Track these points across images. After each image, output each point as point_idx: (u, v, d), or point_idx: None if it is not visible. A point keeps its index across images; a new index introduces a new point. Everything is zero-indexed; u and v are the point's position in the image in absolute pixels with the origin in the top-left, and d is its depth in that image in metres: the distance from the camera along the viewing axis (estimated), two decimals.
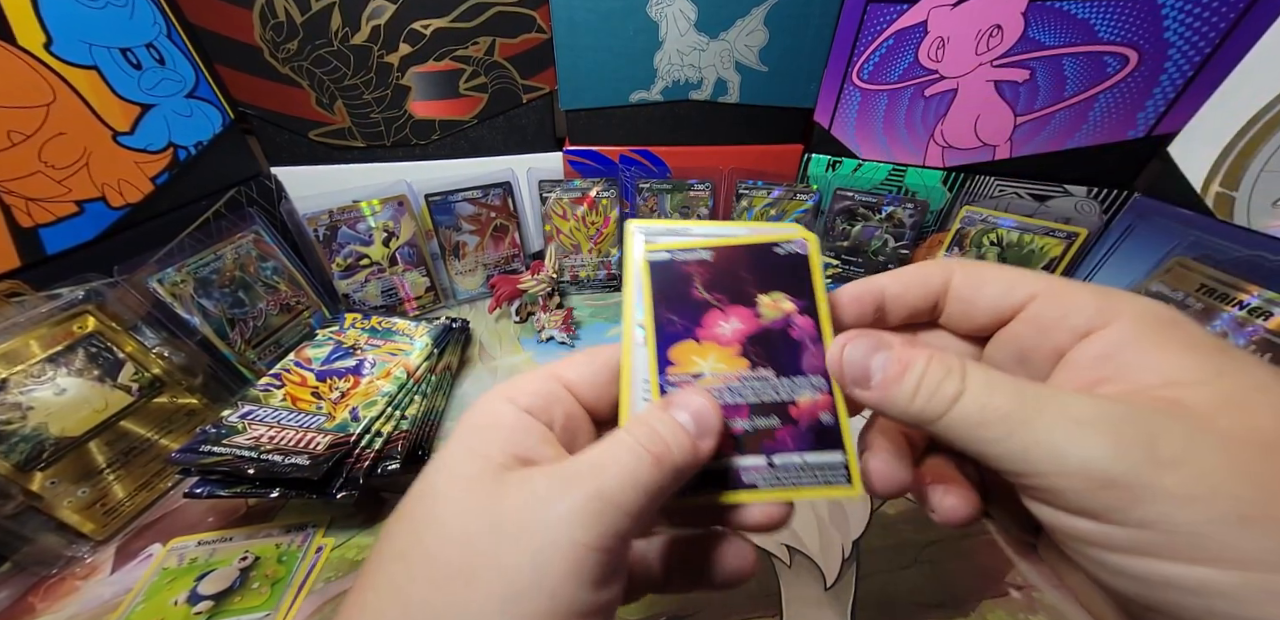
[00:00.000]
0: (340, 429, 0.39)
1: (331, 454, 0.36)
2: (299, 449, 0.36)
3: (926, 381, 0.14)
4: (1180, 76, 0.43)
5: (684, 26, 0.54)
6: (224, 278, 0.48)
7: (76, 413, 0.37)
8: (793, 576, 0.35)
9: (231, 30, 0.52)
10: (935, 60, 0.51)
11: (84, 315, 0.39)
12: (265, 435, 0.37)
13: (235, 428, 0.38)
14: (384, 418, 0.41)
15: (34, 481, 0.35)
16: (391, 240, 0.60)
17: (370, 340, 0.50)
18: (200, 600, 0.34)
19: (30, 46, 0.38)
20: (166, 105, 0.48)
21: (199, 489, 0.36)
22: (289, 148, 0.60)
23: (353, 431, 0.39)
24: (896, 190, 0.60)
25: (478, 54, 0.56)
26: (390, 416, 0.42)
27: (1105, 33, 0.44)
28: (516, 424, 0.16)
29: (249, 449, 0.36)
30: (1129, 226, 0.48)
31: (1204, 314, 0.41)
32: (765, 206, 0.62)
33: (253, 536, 0.38)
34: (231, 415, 0.39)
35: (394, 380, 0.44)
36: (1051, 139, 0.50)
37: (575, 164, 0.64)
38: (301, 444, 0.37)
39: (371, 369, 0.46)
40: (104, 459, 0.38)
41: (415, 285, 0.63)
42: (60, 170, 0.40)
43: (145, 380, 0.41)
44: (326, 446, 0.37)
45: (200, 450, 0.36)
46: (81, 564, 0.36)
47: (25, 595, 0.34)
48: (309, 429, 0.39)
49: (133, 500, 0.39)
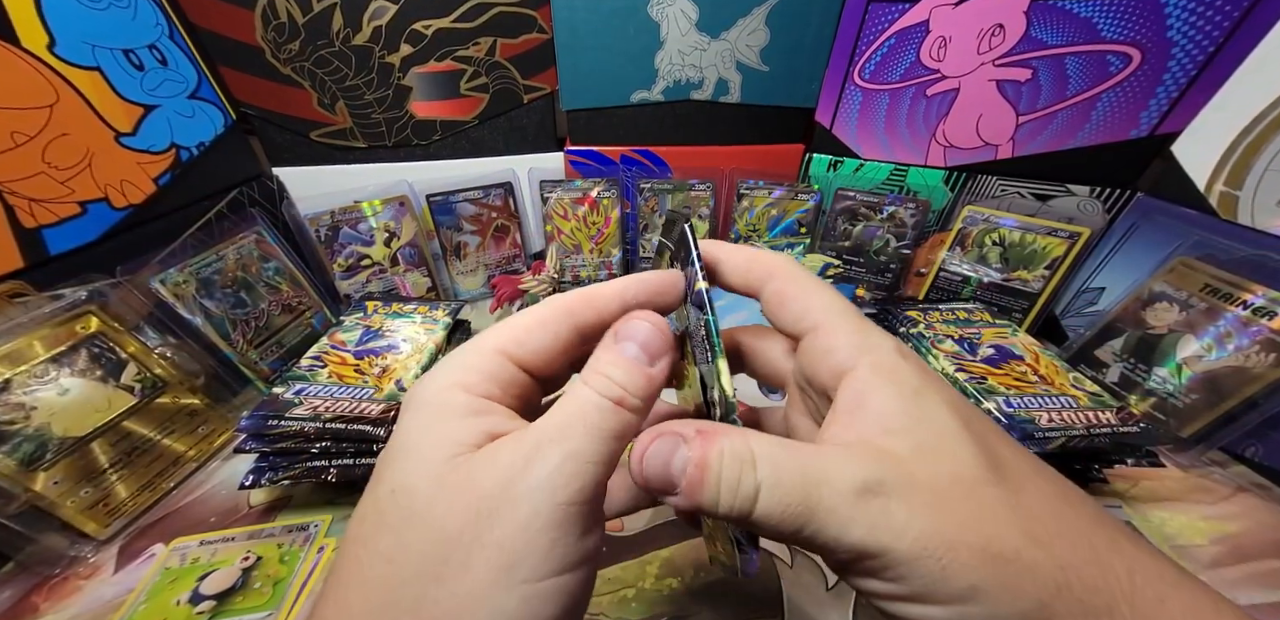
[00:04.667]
0: (390, 399, 0.40)
1: (393, 416, 0.38)
2: (358, 416, 0.38)
3: (725, 482, 0.14)
4: (1184, 75, 0.43)
5: (685, 26, 0.54)
6: (226, 278, 0.48)
7: (79, 413, 0.37)
8: (794, 577, 0.35)
9: (233, 31, 0.52)
10: (937, 60, 0.51)
11: (87, 316, 0.39)
12: (323, 406, 0.39)
13: (292, 402, 0.39)
14: None
15: (37, 481, 0.35)
16: (393, 240, 0.60)
17: (396, 323, 0.52)
18: (202, 600, 0.34)
19: (33, 48, 0.38)
20: (169, 106, 0.48)
21: (253, 478, 0.37)
22: (291, 148, 0.60)
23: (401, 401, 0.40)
24: (898, 190, 0.60)
25: (479, 54, 0.56)
26: None
27: (1108, 31, 0.44)
28: (478, 408, 0.16)
29: (311, 419, 0.37)
30: (1132, 226, 0.48)
31: (1208, 314, 0.41)
32: (766, 206, 0.62)
33: (254, 536, 0.38)
34: (285, 393, 0.40)
35: (428, 354, 0.46)
36: (1054, 138, 0.50)
37: (576, 164, 0.64)
38: (358, 412, 0.39)
39: (405, 344, 0.48)
40: (106, 459, 0.38)
41: (417, 285, 0.63)
42: (63, 171, 0.40)
43: (148, 380, 0.41)
44: (380, 413, 0.39)
45: (268, 424, 0.37)
46: (84, 564, 0.36)
47: (28, 594, 0.34)
48: (361, 399, 0.40)
49: (135, 500, 0.39)
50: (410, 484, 0.14)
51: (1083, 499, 0.15)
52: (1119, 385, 0.45)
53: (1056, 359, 0.43)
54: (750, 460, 0.14)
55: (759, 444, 0.15)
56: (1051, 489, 0.15)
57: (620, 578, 0.34)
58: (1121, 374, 0.45)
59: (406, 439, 0.16)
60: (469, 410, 0.16)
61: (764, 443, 0.15)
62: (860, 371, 0.16)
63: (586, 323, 0.18)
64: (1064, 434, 0.35)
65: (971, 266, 0.56)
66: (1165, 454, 0.42)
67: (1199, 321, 0.41)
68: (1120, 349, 0.46)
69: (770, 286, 0.19)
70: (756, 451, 0.14)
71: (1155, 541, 0.36)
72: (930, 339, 0.46)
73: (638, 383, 0.16)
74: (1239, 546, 0.36)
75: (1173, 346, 0.42)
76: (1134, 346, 0.45)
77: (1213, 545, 0.36)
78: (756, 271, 0.19)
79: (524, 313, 0.18)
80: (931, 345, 0.45)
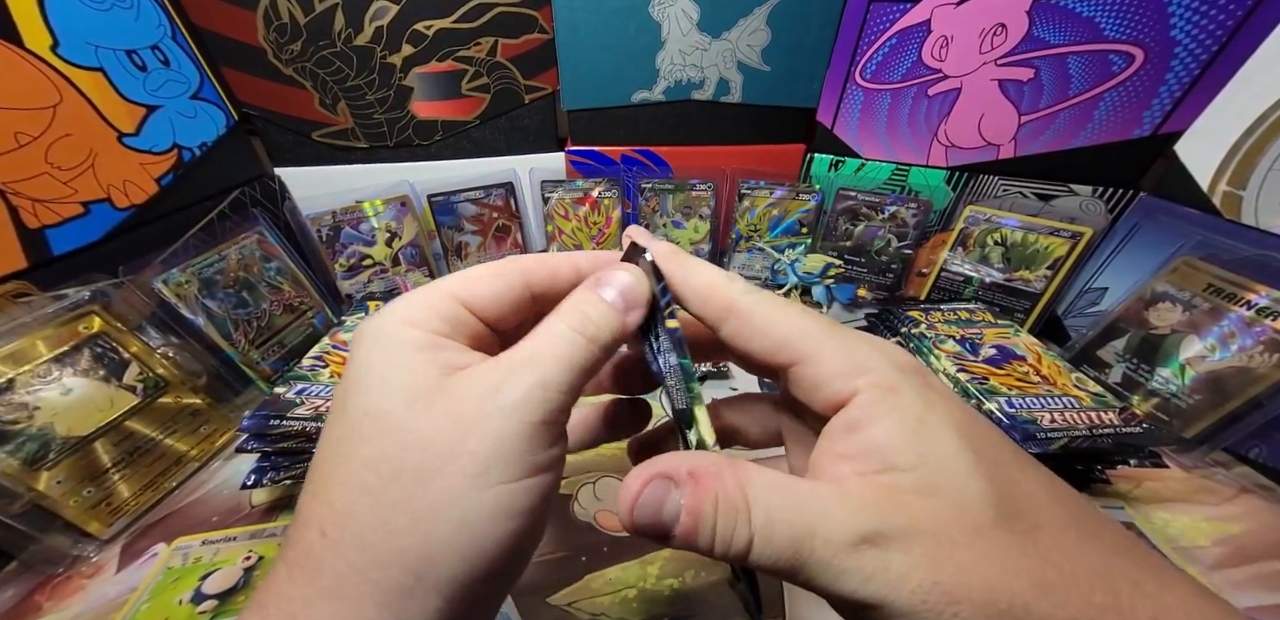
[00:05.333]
0: None
1: None
2: None
3: (720, 531, 0.14)
4: (1187, 74, 0.43)
5: (686, 26, 0.54)
6: (228, 278, 0.49)
7: (82, 412, 0.37)
8: None
9: (235, 32, 0.52)
10: (939, 59, 0.51)
11: (90, 316, 0.39)
12: (324, 406, 0.39)
13: (294, 402, 0.39)
14: None
15: (40, 481, 0.35)
16: (394, 241, 0.60)
17: None
18: (204, 599, 0.34)
19: (37, 49, 0.38)
20: (171, 106, 0.48)
21: (255, 478, 0.37)
22: (292, 148, 0.60)
23: None
24: (899, 190, 0.60)
25: (480, 54, 0.56)
26: None
27: (1110, 31, 0.44)
28: (432, 343, 0.16)
29: (312, 419, 0.37)
30: (1135, 226, 0.48)
31: (1211, 314, 0.41)
32: (768, 206, 0.62)
33: (256, 536, 0.38)
34: (287, 392, 0.40)
35: None
36: (1056, 138, 0.50)
37: (577, 164, 0.64)
38: None
39: None
40: (109, 458, 0.38)
41: (418, 286, 0.63)
42: (66, 171, 0.41)
43: (150, 380, 0.41)
44: None
45: (269, 423, 0.37)
46: (87, 563, 0.36)
47: (32, 593, 0.34)
48: None
49: (137, 500, 0.39)
50: (383, 407, 0.15)
51: (1104, 527, 0.14)
52: (1122, 386, 0.45)
53: (1059, 359, 0.43)
54: (744, 507, 0.14)
55: (754, 488, 0.14)
56: (1070, 519, 0.14)
57: (621, 578, 0.34)
58: (1124, 374, 0.45)
59: (369, 369, 0.16)
60: (425, 344, 0.16)
61: (759, 485, 0.14)
62: (859, 399, 0.15)
63: (540, 281, 0.18)
64: (1066, 434, 0.35)
65: (973, 266, 0.56)
66: (1168, 455, 0.42)
67: (1202, 322, 0.41)
68: (1123, 349, 0.45)
69: (732, 322, 0.17)
70: (751, 497, 0.14)
71: (1158, 542, 0.36)
72: (932, 339, 0.46)
73: (613, 324, 0.17)
74: (1242, 548, 0.36)
75: (1176, 347, 0.42)
76: (1137, 347, 0.45)
77: (1216, 546, 0.36)
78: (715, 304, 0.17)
79: (479, 265, 0.18)
80: (933, 345, 0.45)
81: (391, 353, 0.16)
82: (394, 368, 0.16)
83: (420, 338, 0.16)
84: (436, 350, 0.16)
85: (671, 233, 0.65)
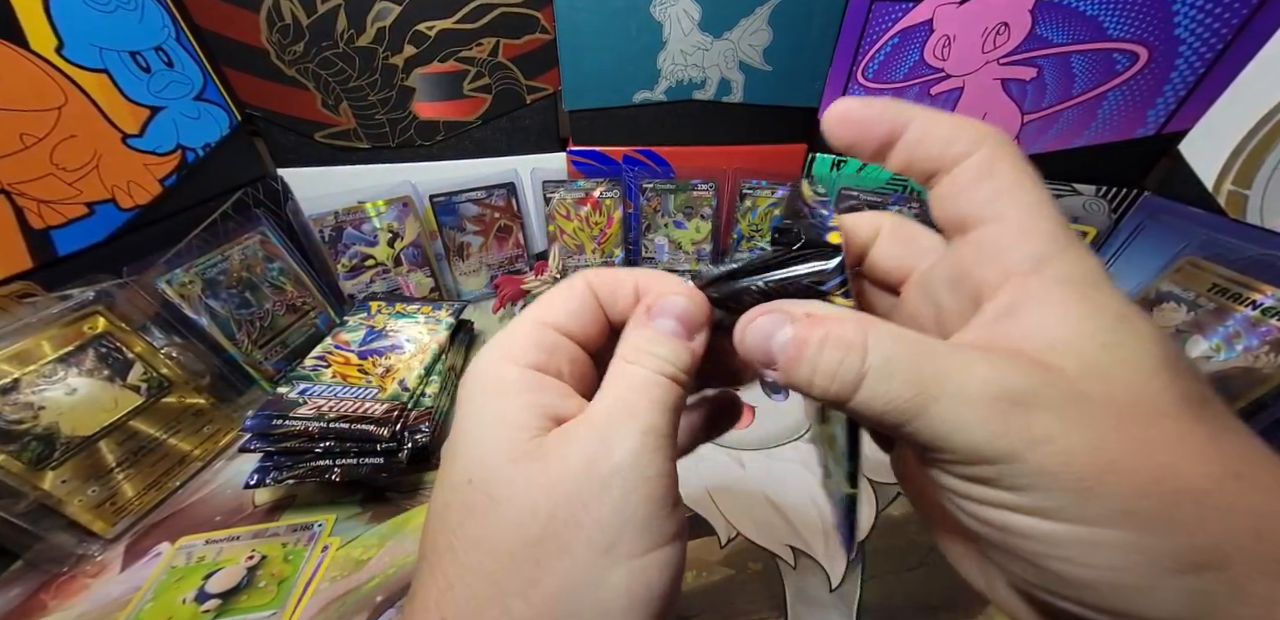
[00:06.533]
0: (393, 398, 0.41)
1: (396, 415, 0.39)
2: (361, 416, 0.39)
3: (823, 366, 0.13)
4: (1191, 73, 0.42)
5: (687, 26, 0.54)
6: (231, 278, 0.49)
7: (87, 412, 0.37)
8: (797, 578, 0.35)
9: (238, 33, 0.52)
10: (941, 59, 0.51)
11: (94, 316, 0.39)
12: (327, 405, 0.39)
13: (296, 401, 0.39)
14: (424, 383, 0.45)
15: (45, 480, 0.35)
16: (396, 241, 0.60)
17: (399, 323, 0.52)
18: (208, 598, 0.34)
19: (42, 50, 0.39)
20: (175, 108, 0.48)
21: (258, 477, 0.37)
22: (295, 149, 0.60)
23: (404, 400, 0.41)
24: (902, 190, 0.60)
25: (482, 55, 0.56)
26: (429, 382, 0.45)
27: (1114, 30, 0.44)
28: (533, 385, 0.16)
29: (315, 419, 0.38)
30: (1139, 225, 0.48)
31: (1216, 314, 0.40)
32: (769, 206, 0.62)
33: (259, 535, 0.38)
34: (290, 392, 0.41)
35: (431, 354, 0.47)
36: (1059, 137, 0.50)
37: (579, 164, 0.64)
38: (361, 412, 0.39)
39: (408, 344, 0.48)
40: (113, 458, 0.38)
41: (420, 286, 0.63)
42: (71, 172, 0.41)
43: (154, 380, 0.41)
44: (384, 413, 0.39)
45: (272, 423, 0.38)
46: (92, 562, 0.37)
47: (37, 592, 0.35)
48: (364, 399, 0.41)
49: (141, 499, 0.40)
50: (486, 472, 0.14)
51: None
52: None
53: None
54: (859, 346, 0.13)
55: (877, 332, 0.13)
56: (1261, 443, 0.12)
57: None
58: None
59: (468, 427, 0.16)
60: (522, 386, 0.16)
61: (884, 331, 0.13)
62: (1041, 277, 0.13)
63: (605, 294, 0.18)
64: None
65: None
66: None
67: (1207, 322, 0.41)
68: None
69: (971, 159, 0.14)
70: (871, 341, 0.13)
71: None
72: None
73: (683, 358, 0.16)
74: None
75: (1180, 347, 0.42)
76: None
77: None
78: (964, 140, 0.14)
79: (552, 289, 0.18)
80: None
81: (488, 402, 0.16)
82: (491, 422, 0.15)
83: (520, 378, 0.16)
84: (535, 392, 0.16)
85: (673, 233, 0.65)
